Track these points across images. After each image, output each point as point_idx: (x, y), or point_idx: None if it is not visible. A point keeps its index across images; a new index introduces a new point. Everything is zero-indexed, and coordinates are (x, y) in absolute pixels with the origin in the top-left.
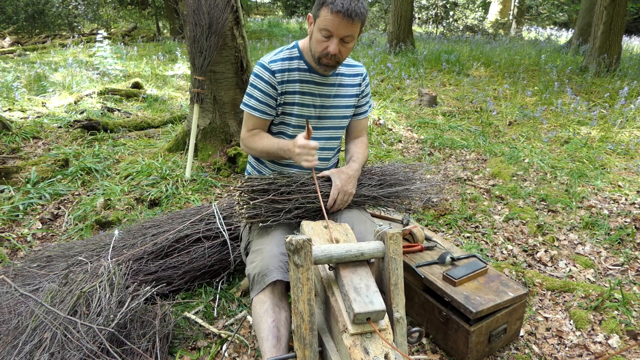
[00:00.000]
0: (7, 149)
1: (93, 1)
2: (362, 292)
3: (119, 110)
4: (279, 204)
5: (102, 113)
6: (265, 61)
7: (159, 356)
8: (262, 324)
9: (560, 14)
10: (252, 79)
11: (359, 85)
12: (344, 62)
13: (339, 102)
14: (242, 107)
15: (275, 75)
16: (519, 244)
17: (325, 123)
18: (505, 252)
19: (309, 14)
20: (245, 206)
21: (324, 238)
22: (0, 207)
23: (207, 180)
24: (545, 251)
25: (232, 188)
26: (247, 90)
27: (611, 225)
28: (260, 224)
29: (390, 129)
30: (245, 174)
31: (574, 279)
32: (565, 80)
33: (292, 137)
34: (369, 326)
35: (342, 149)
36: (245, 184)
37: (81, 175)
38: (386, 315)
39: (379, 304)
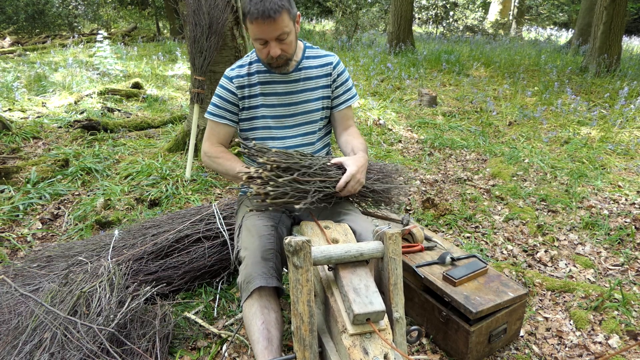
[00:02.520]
0: (7, 149)
1: (93, 1)
2: (362, 293)
3: (119, 110)
4: (301, 184)
5: (102, 113)
6: (226, 70)
7: (159, 356)
8: (252, 326)
9: (560, 14)
10: (216, 89)
11: (329, 75)
12: (312, 55)
13: (308, 96)
14: (206, 115)
15: (233, 81)
16: (519, 244)
17: (297, 120)
18: (505, 252)
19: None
20: (269, 184)
21: (322, 238)
22: (0, 207)
23: (207, 180)
24: (545, 251)
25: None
26: (211, 100)
27: (611, 225)
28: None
29: (390, 129)
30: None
31: (574, 279)
32: (565, 80)
33: (262, 138)
34: (369, 326)
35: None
36: (271, 158)
37: (81, 175)
38: (385, 315)
39: (378, 304)
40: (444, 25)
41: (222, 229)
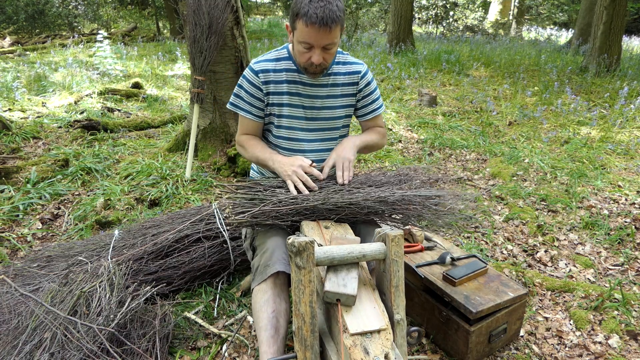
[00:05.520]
0: (7, 149)
1: (93, 1)
2: (341, 275)
3: (119, 110)
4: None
5: (102, 113)
6: (252, 62)
7: (159, 356)
8: (262, 313)
9: (560, 14)
10: (239, 80)
11: (356, 84)
12: (342, 61)
13: (332, 103)
14: (228, 106)
15: (259, 75)
16: (519, 244)
17: (316, 124)
18: (505, 252)
19: (286, 23)
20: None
21: (322, 238)
22: (0, 207)
23: (207, 180)
24: (545, 251)
25: (226, 195)
26: (234, 90)
27: (611, 225)
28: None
29: (390, 129)
30: (249, 178)
31: (574, 279)
32: (565, 80)
33: (284, 138)
34: (369, 326)
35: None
36: (237, 191)
37: (81, 175)
38: (386, 315)
39: (351, 289)
40: (444, 25)
41: (222, 229)
